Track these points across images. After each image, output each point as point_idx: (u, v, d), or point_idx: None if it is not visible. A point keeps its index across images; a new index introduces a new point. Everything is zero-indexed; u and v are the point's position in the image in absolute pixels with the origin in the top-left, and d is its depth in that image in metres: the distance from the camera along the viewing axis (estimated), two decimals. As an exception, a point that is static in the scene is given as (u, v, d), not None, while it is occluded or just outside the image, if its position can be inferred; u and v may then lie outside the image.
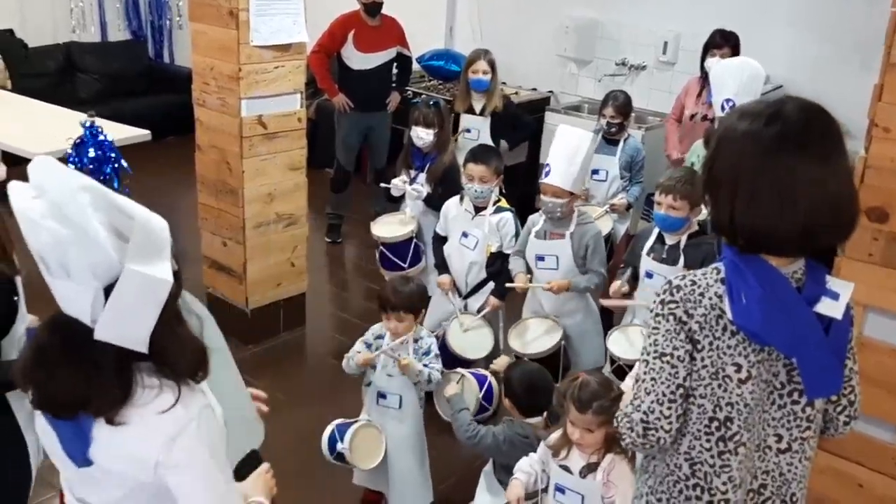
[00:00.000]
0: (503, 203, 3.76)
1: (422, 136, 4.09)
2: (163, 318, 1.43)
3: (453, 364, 3.44)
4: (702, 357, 1.66)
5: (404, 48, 5.72)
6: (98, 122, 4.12)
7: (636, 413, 1.72)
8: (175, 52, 8.78)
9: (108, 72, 7.93)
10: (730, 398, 1.67)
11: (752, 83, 3.65)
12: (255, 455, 2.04)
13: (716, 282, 1.65)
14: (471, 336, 3.64)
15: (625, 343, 3.27)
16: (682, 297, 1.66)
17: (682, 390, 1.69)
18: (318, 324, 4.77)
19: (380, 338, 3.05)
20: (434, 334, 3.60)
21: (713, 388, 1.68)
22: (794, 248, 1.61)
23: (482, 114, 4.81)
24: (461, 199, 3.81)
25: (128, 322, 1.40)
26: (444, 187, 4.06)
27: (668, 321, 1.67)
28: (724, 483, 1.72)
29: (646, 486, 1.87)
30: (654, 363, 1.69)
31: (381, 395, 3.05)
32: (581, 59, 6.22)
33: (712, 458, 1.72)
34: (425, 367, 2.98)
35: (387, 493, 3.16)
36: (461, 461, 3.42)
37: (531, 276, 3.53)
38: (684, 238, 3.26)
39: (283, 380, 4.16)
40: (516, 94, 6.14)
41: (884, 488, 2.74)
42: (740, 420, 1.68)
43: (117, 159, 4.14)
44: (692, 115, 4.74)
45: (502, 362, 3.26)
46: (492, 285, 3.73)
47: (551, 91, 6.43)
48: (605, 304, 3.46)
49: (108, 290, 1.38)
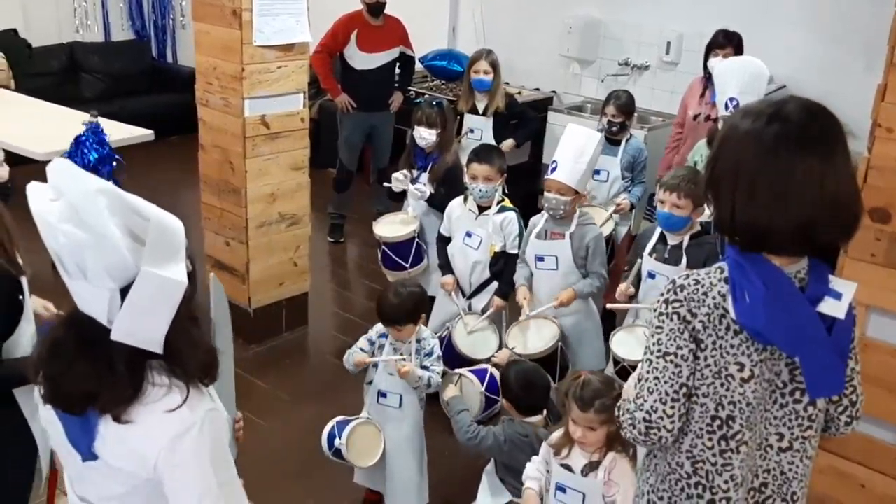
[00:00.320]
0: (507, 203, 3.77)
1: (424, 136, 4.10)
2: (177, 320, 1.45)
3: (459, 364, 3.45)
4: (705, 356, 1.67)
5: (407, 48, 5.72)
6: (101, 122, 4.16)
7: (639, 412, 1.73)
8: (178, 52, 8.79)
9: (112, 71, 7.95)
10: (732, 397, 1.67)
11: (756, 82, 3.65)
12: None
13: (719, 281, 1.66)
14: (476, 336, 3.64)
15: (629, 344, 3.27)
16: (685, 297, 1.67)
17: (685, 389, 1.69)
18: (320, 323, 4.78)
19: (383, 336, 3.06)
20: (438, 335, 3.62)
21: (716, 387, 1.68)
22: (792, 246, 1.61)
23: (485, 114, 4.82)
24: (465, 198, 3.81)
25: (143, 323, 1.42)
26: (447, 188, 4.06)
27: (671, 320, 1.68)
28: (726, 481, 1.73)
29: (647, 484, 1.87)
30: (657, 362, 1.70)
31: (382, 394, 3.06)
32: (584, 59, 6.21)
33: (714, 456, 1.72)
34: (426, 369, 2.99)
35: (384, 493, 3.17)
36: (462, 461, 3.42)
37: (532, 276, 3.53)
38: (686, 238, 3.26)
39: (286, 379, 4.17)
40: (519, 93, 6.14)
41: (886, 488, 2.74)
42: (742, 419, 1.69)
43: (114, 159, 4.19)
44: (695, 116, 4.73)
45: (504, 355, 3.28)
46: (496, 285, 3.73)
47: (554, 91, 6.42)
48: (612, 307, 3.46)
49: (124, 291, 1.39)
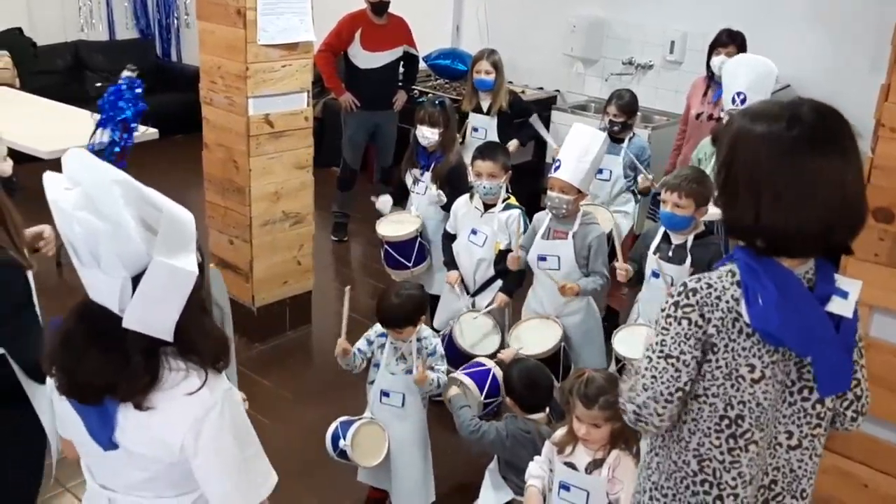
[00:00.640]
0: (512, 201, 3.77)
1: (427, 135, 4.10)
2: (188, 308, 1.47)
3: (462, 360, 3.45)
4: (716, 359, 1.67)
5: (411, 47, 5.72)
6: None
7: (629, 405, 1.75)
8: (182, 51, 8.80)
9: (117, 70, 7.89)
10: (742, 397, 1.68)
11: (765, 80, 3.67)
12: None
13: (731, 285, 1.65)
14: (478, 333, 3.64)
15: (631, 343, 3.27)
16: (698, 301, 1.66)
17: (680, 393, 1.70)
18: (324, 322, 4.78)
19: (382, 336, 3.06)
20: (442, 333, 3.63)
21: (726, 388, 1.68)
22: (816, 248, 1.62)
23: (489, 113, 4.82)
24: (471, 196, 3.82)
25: (155, 311, 1.45)
26: (452, 187, 4.07)
27: (680, 325, 1.67)
28: (734, 478, 1.73)
29: (649, 481, 1.87)
30: (657, 362, 1.70)
31: (385, 394, 3.06)
32: (588, 59, 6.21)
33: (722, 454, 1.73)
34: (431, 369, 3.01)
35: (390, 491, 3.17)
36: (465, 459, 3.42)
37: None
38: (691, 237, 3.26)
39: (289, 378, 4.17)
40: (523, 92, 6.14)
41: (889, 488, 2.74)
42: (752, 418, 1.69)
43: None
44: (698, 115, 4.73)
45: (510, 352, 3.29)
46: (500, 283, 3.74)
47: (558, 90, 6.42)
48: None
49: (136, 280, 1.42)
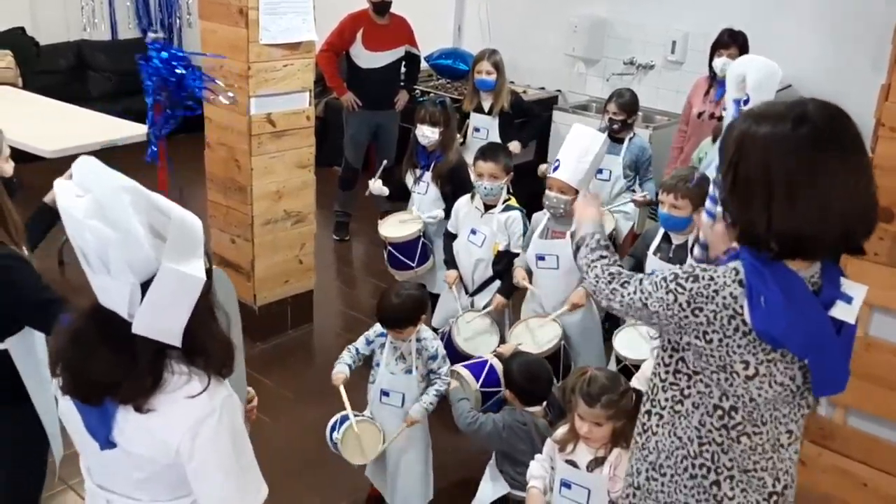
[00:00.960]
0: (512, 202, 3.78)
1: (427, 134, 4.10)
2: (196, 313, 1.49)
3: (459, 361, 3.46)
4: (711, 349, 1.66)
5: (413, 47, 5.73)
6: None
7: (591, 272, 1.90)
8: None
9: (119, 70, 7.95)
10: (735, 391, 1.68)
11: (769, 81, 3.66)
12: None
13: (733, 282, 1.63)
14: (476, 334, 3.65)
15: (631, 342, 3.28)
16: (694, 289, 1.64)
17: (629, 311, 1.82)
18: (325, 321, 4.79)
19: (382, 335, 3.07)
20: (441, 332, 3.63)
21: (719, 379, 1.69)
22: (831, 252, 1.61)
23: (490, 113, 4.83)
24: (472, 196, 3.83)
25: (163, 317, 1.46)
26: (454, 186, 4.08)
27: (667, 294, 1.69)
28: (731, 460, 1.74)
29: (645, 462, 1.85)
30: (634, 294, 1.79)
31: (384, 393, 3.07)
32: (589, 59, 6.22)
33: (721, 436, 1.73)
34: (431, 372, 3.04)
35: (384, 492, 3.18)
36: (465, 458, 3.43)
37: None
38: (691, 238, 3.26)
39: (291, 377, 4.18)
40: (524, 92, 6.15)
41: (888, 487, 2.74)
42: (745, 412, 1.70)
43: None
44: (699, 114, 4.74)
45: (509, 347, 3.31)
46: (498, 283, 3.74)
47: (559, 90, 6.43)
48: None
49: (145, 285, 1.43)
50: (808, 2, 5.15)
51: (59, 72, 7.59)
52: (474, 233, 3.76)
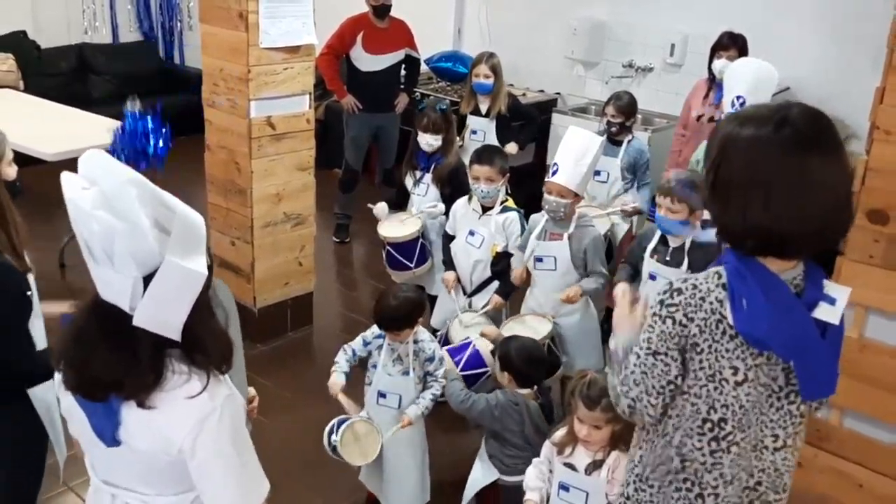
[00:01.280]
0: (510, 203, 3.79)
1: (430, 142, 4.12)
2: (196, 309, 1.51)
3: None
4: (700, 359, 1.68)
5: (412, 50, 5.75)
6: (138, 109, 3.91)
7: (623, 398, 1.77)
8: (185, 54, 8.83)
9: (120, 72, 7.99)
10: (725, 400, 1.69)
11: (765, 84, 3.69)
12: None
13: (717, 286, 1.66)
14: (473, 334, 3.66)
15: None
16: (682, 301, 1.67)
17: (671, 385, 1.72)
18: (325, 323, 4.80)
19: (379, 336, 3.09)
20: (439, 333, 3.64)
21: (709, 390, 1.70)
22: (808, 250, 1.63)
23: (487, 115, 4.84)
24: (469, 198, 3.84)
25: (165, 311, 1.48)
26: (452, 188, 4.09)
27: (665, 323, 1.69)
28: (716, 479, 1.75)
29: (633, 474, 1.89)
30: (646, 359, 1.73)
31: (381, 395, 3.08)
32: (588, 61, 6.23)
33: (703, 456, 1.74)
34: (428, 374, 3.05)
35: (378, 495, 3.19)
36: (461, 458, 3.44)
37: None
38: (689, 241, 3.27)
39: (291, 379, 4.19)
40: (524, 95, 6.17)
41: (884, 489, 2.75)
42: (734, 421, 1.70)
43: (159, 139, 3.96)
44: (699, 116, 4.75)
45: (492, 330, 3.31)
46: (496, 284, 3.76)
47: (558, 93, 6.44)
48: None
49: (146, 279, 1.45)
50: (808, 4, 5.16)
51: (60, 74, 7.61)
52: (472, 234, 3.77)
